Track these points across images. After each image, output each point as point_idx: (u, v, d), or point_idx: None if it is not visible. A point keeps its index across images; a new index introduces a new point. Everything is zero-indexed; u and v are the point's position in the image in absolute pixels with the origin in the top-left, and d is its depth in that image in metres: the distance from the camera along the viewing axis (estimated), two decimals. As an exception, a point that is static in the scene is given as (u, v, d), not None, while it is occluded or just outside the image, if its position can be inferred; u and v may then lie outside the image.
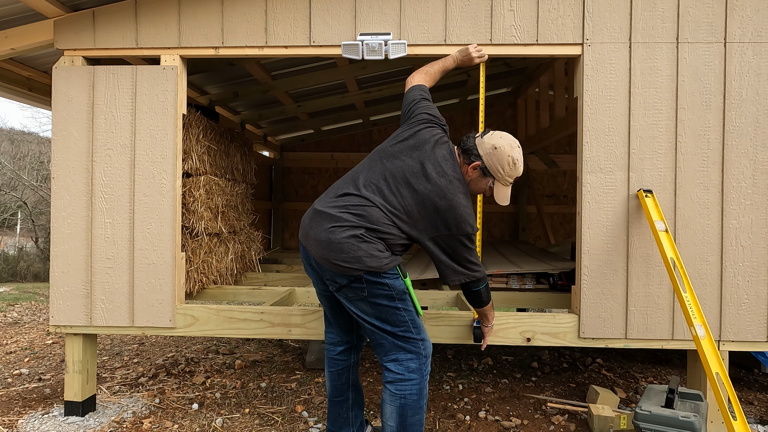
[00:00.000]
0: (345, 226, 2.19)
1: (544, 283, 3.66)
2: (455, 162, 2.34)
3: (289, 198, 7.07)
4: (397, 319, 2.26)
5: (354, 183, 2.31)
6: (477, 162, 2.32)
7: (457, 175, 2.30)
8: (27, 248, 14.34)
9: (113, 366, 4.18)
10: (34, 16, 3.04)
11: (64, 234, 3.05)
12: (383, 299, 2.22)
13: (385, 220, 2.22)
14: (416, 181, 2.26)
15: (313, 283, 2.46)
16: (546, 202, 6.82)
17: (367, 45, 2.89)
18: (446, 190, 2.25)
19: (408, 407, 2.25)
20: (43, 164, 15.16)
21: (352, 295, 2.25)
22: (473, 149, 2.34)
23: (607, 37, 2.88)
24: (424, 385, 2.29)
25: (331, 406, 2.59)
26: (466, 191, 2.31)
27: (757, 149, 2.85)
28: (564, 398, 3.47)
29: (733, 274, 2.86)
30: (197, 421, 3.08)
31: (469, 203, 2.31)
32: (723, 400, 2.29)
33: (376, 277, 2.19)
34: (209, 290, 3.77)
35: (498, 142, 2.31)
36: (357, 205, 2.23)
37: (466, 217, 2.25)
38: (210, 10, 3.00)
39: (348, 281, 2.21)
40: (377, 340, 2.31)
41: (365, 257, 2.16)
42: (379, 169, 2.31)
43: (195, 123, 3.52)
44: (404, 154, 2.33)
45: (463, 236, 2.26)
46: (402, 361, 2.27)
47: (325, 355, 2.61)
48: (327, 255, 2.20)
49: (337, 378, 2.56)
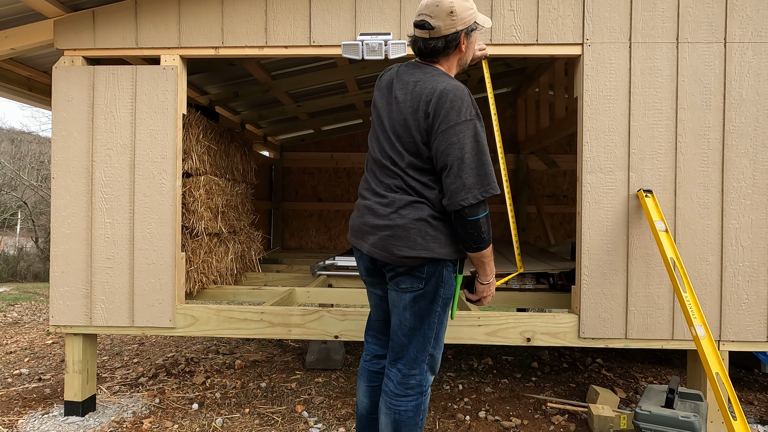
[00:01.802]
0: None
1: (544, 283, 3.66)
2: (428, 66, 2.08)
3: (289, 198, 7.07)
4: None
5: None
6: (461, 34, 2.04)
7: (436, 70, 2.05)
8: (27, 248, 14.35)
9: (113, 366, 4.18)
10: (34, 16, 3.04)
11: (64, 234, 3.05)
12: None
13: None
14: (393, 115, 2.05)
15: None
16: (546, 202, 6.82)
17: (367, 45, 2.89)
18: (425, 81, 2.00)
19: (403, 424, 2.08)
20: (43, 164, 15.17)
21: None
22: (446, 40, 2.04)
23: (607, 37, 2.88)
24: (422, 401, 2.11)
25: (367, 423, 2.29)
26: (453, 79, 2.05)
27: (757, 149, 2.85)
28: (564, 398, 3.47)
29: (733, 274, 2.86)
30: (197, 421, 3.08)
31: (464, 87, 2.00)
32: (723, 400, 2.29)
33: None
34: (209, 290, 3.77)
35: (445, 8, 2.00)
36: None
37: (465, 98, 1.95)
38: (210, 10, 3.00)
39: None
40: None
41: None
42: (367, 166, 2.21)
43: (195, 123, 3.52)
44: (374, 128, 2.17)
45: (468, 123, 1.92)
46: (404, 374, 2.09)
47: (365, 369, 2.30)
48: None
49: (378, 393, 2.25)
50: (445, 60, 2.11)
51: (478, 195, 1.91)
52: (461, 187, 1.90)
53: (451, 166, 1.92)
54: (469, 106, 1.95)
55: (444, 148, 1.92)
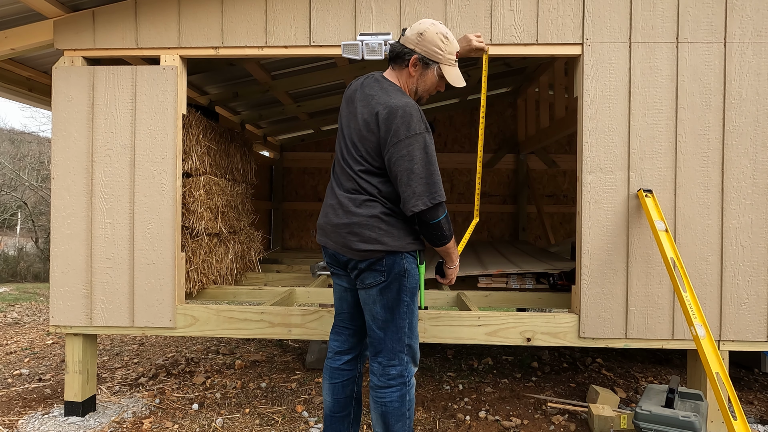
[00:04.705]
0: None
1: (544, 283, 3.66)
2: (386, 82, 2.24)
3: (289, 198, 7.07)
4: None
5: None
6: (414, 56, 2.21)
7: (393, 87, 2.22)
8: (27, 248, 14.35)
9: (113, 366, 4.18)
10: (34, 16, 3.04)
11: (64, 234, 3.05)
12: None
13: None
14: (351, 125, 2.24)
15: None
16: (546, 202, 6.82)
17: (367, 45, 2.89)
18: (380, 97, 2.16)
19: (389, 414, 2.19)
20: (43, 164, 15.16)
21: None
22: (402, 50, 2.23)
23: (607, 37, 2.88)
24: (407, 391, 2.21)
25: (330, 422, 2.37)
26: (406, 96, 2.20)
27: (757, 149, 2.85)
28: (564, 398, 3.47)
29: (733, 273, 2.86)
30: (197, 421, 3.08)
31: (414, 104, 2.16)
32: (723, 399, 2.29)
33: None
34: (209, 290, 3.77)
35: (420, 28, 2.21)
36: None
37: (414, 114, 2.09)
38: (210, 10, 3.00)
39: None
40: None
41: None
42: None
43: (195, 123, 3.52)
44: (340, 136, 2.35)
45: (417, 136, 2.08)
46: (384, 366, 2.20)
47: (327, 366, 2.40)
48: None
49: (341, 390, 2.36)
50: (399, 74, 2.29)
51: (427, 202, 2.09)
52: (412, 194, 2.09)
53: (401, 176, 2.10)
54: (418, 121, 2.11)
55: (396, 159, 2.10)
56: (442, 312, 2.96)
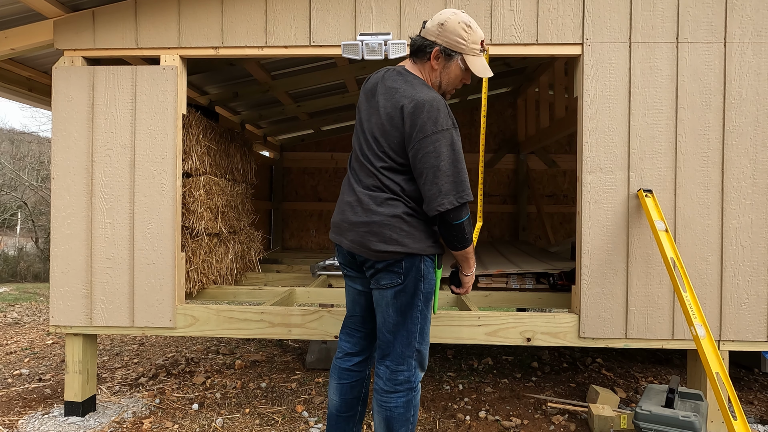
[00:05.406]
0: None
1: (544, 282, 3.66)
2: (410, 75, 2.16)
3: (289, 198, 7.07)
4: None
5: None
6: (436, 47, 2.12)
7: (418, 80, 2.14)
8: (27, 248, 14.35)
9: (113, 366, 4.18)
10: (34, 16, 3.04)
11: (64, 234, 3.05)
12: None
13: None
14: (372, 119, 2.15)
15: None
16: (546, 202, 6.82)
17: (367, 45, 2.89)
18: (405, 91, 2.08)
19: (394, 420, 2.12)
20: (43, 164, 15.16)
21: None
22: (423, 43, 2.15)
23: (607, 37, 2.88)
24: (413, 397, 2.15)
25: (336, 422, 2.32)
26: (432, 90, 2.12)
27: (757, 149, 2.85)
28: (564, 398, 3.47)
29: (733, 273, 2.86)
30: (197, 421, 3.08)
31: (441, 98, 2.07)
32: (723, 399, 2.29)
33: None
34: (209, 290, 3.77)
35: (441, 18, 2.12)
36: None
37: (441, 109, 2.02)
38: (210, 10, 3.00)
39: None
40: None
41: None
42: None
43: (195, 123, 3.52)
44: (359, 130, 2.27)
45: (445, 132, 2.01)
46: (392, 370, 2.14)
47: (336, 366, 2.35)
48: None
49: (349, 391, 2.31)
50: (421, 67, 2.20)
51: (454, 201, 2.00)
52: (438, 193, 2.00)
53: (427, 173, 2.02)
54: (445, 116, 2.04)
55: (421, 156, 2.02)
56: (442, 312, 2.96)
